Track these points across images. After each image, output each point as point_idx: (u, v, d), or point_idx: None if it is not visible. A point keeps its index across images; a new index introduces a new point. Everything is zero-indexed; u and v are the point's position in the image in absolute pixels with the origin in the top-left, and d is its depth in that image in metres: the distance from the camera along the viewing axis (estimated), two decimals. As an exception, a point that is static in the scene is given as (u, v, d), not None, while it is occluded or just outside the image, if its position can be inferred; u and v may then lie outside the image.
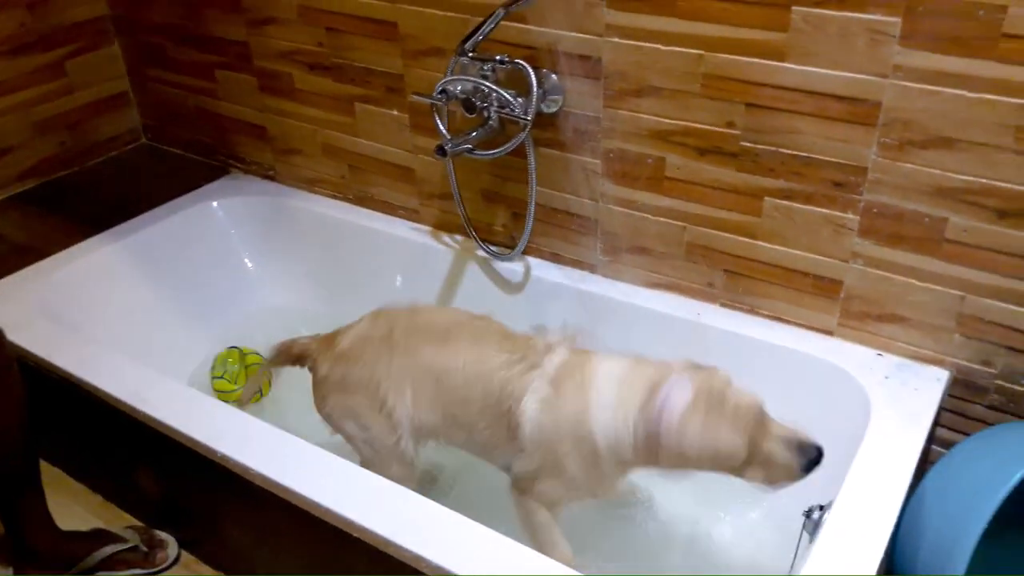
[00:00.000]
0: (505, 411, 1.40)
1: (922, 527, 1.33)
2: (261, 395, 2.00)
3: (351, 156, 2.14)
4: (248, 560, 1.69)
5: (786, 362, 1.65)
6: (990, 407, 1.53)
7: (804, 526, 1.38)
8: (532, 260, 1.93)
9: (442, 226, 2.07)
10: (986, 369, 1.50)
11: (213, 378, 2.00)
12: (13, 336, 1.59)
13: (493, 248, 1.93)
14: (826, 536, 1.26)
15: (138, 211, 2.23)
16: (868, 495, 1.31)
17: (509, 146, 1.71)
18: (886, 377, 1.55)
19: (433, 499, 1.33)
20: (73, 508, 1.85)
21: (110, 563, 1.68)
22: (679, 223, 1.70)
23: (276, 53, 2.12)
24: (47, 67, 2.35)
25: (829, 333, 1.64)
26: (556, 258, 1.91)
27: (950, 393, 1.56)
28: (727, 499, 1.73)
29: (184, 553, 1.76)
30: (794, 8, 1.39)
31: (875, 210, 1.48)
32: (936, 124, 1.35)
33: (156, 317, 1.87)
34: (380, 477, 1.38)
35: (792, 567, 1.38)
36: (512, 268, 1.93)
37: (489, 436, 1.45)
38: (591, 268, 1.87)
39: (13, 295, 1.84)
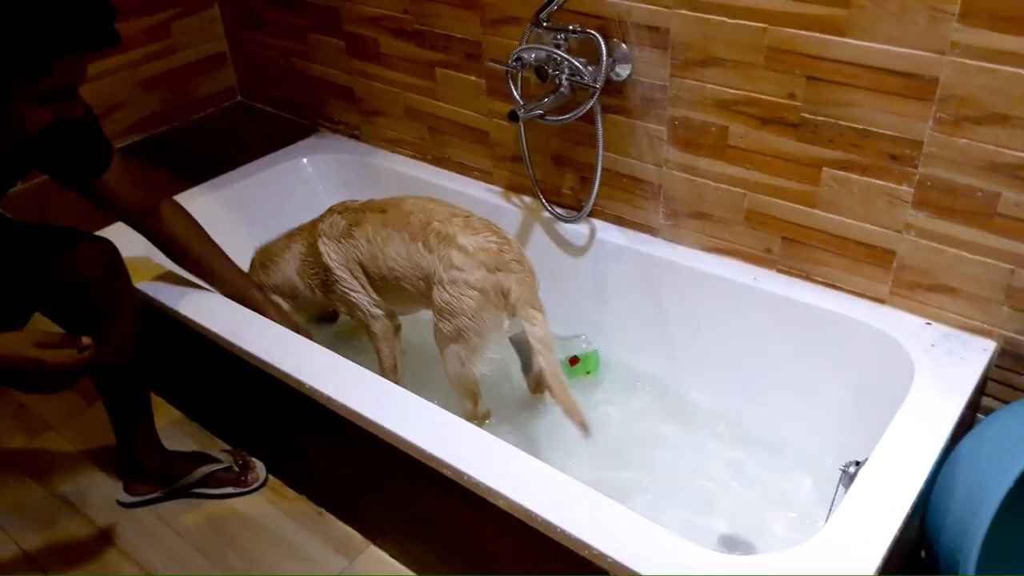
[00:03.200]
0: None
1: (953, 487, 1.39)
2: None
3: (431, 119, 2.26)
4: (328, 486, 1.86)
5: (837, 328, 1.71)
6: (1036, 379, 1.58)
7: (841, 479, 1.47)
8: (597, 222, 2.02)
9: (513, 188, 2.18)
10: (1034, 341, 1.55)
11: None
12: (127, 276, 1.77)
13: (560, 210, 2.04)
14: (857, 489, 1.35)
15: (234, 165, 2.41)
16: (901, 454, 1.39)
17: (578, 112, 1.80)
18: (932, 345, 1.60)
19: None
20: (173, 433, 2.05)
21: (207, 481, 1.88)
22: (739, 190, 1.77)
23: (364, 19, 2.24)
24: (154, 28, 2.54)
25: (881, 301, 1.70)
26: (620, 221, 2.00)
27: (997, 364, 1.60)
28: (772, 452, 1.83)
29: (271, 477, 1.94)
30: (856, -15, 1.44)
31: (929, 183, 1.52)
32: (992, 101, 1.39)
33: (247, 263, 2.04)
34: (457, 417, 1.52)
35: (829, 516, 1.47)
36: (577, 230, 2.03)
37: None
38: (653, 232, 1.95)
39: (122, 241, 2.03)
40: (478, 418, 1.81)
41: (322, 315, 2.21)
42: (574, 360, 2.04)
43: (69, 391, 1.49)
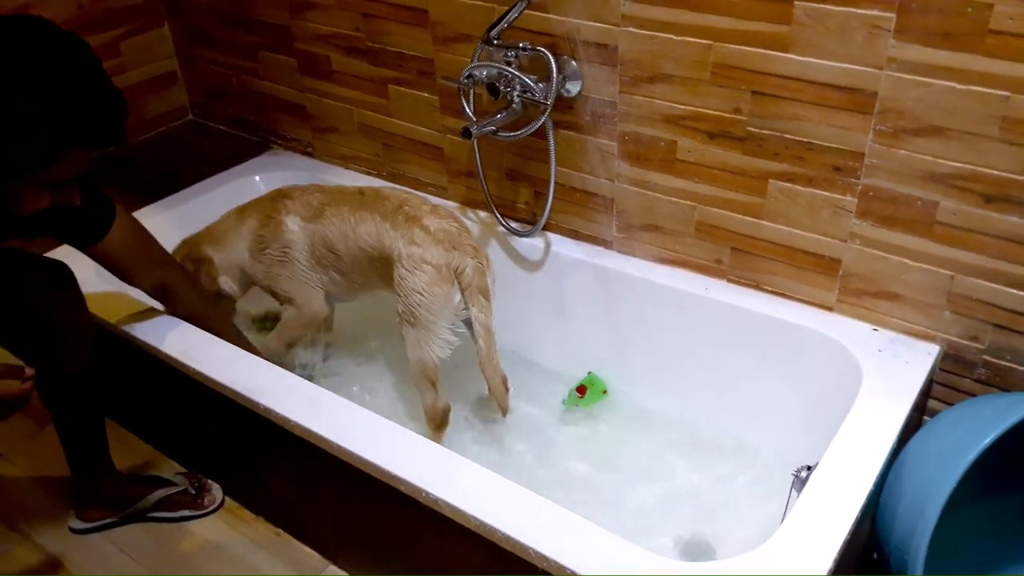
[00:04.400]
0: None
1: (901, 487, 1.43)
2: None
3: (385, 135, 2.27)
4: (286, 506, 1.85)
5: (787, 335, 1.75)
6: (978, 381, 1.62)
7: (793, 484, 1.50)
8: (552, 236, 2.04)
9: (468, 202, 2.19)
10: (974, 345, 1.59)
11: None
12: (76, 298, 1.74)
13: (515, 224, 2.05)
14: (809, 493, 1.38)
15: (186, 184, 2.39)
16: (851, 457, 1.43)
17: (530, 128, 1.82)
18: (879, 350, 1.64)
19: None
20: (127, 456, 2.02)
21: (163, 504, 1.85)
22: (689, 203, 1.80)
23: (315, 36, 2.25)
24: (102, 47, 2.50)
25: (829, 309, 1.74)
26: (574, 234, 2.03)
27: (941, 367, 1.65)
28: (728, 458, 1.85)
29: (228, 499, 1.92)
30: (796, 3, 1.48)
31: (871, 193, 1.57)
32: (928, 113, 1.44)
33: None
34: (409, 432, 1.52)
35: (783, 520, 1.49)
36: (533, 244, 2.05)
37: None
38: (607, 244, 1.98)
39: (73, 261, 2.00)
40: (438, 411, 1.82)
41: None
42: (582, 389, 2.04)
43: (18, 415, 1.46)
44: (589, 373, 2.07)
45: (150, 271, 1.73)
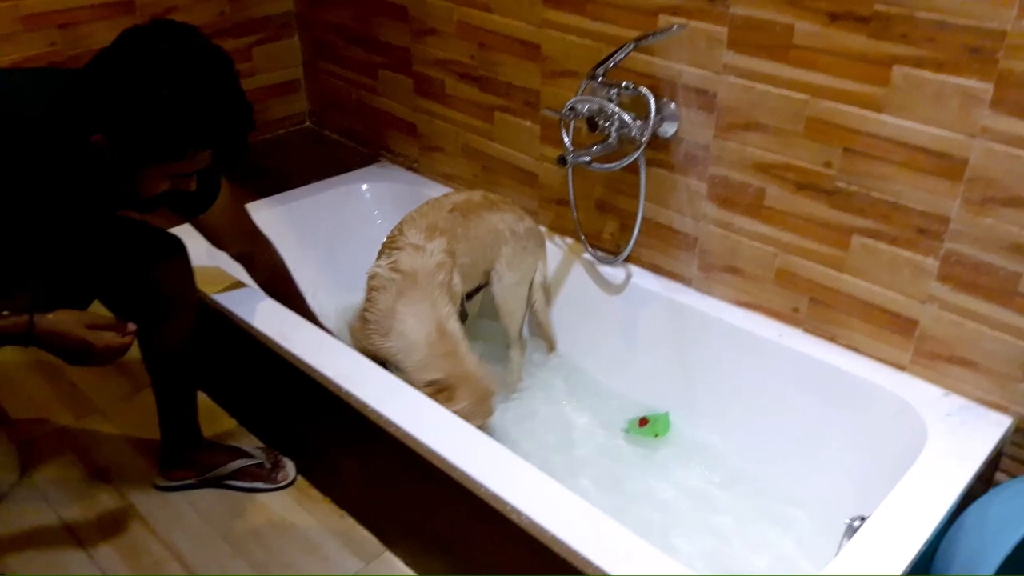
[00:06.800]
0: None
1: (957, 550, 1.43)
2: None
3: (485, 158, 2.39)
4: (352, 490, 1.94)
5: (856, 390, 1.77)
6: (1049, 457, 1.61)
7: (846, 532, 1.51)
8: (633, 268, 2.11)
9: (556, 228, 2.28)
10: (1048, 420, 1.59)
11: None
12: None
13: (599, 253, 2.13)
14: (858, 542, 1.39)
15: (297, 184, 2.55)
16: (906, 513, 1.43)
17: (624, 162, 1.90)
18: (948, 415, 1.64)
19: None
20: (213, 426, 2.15)
21: (239, 474, 1.97)
22: (772, 249, 1.85)
23: (433, 60, 2.39)
24: (237, 51, 2.71)
25: (901, 368, 1.75)
26: (655, 268, 2.09)
27: (1013, 440, 1.64)
28: (782, 503, 1.87)
29: (299, 477, 2.03)
30: (895, 67, 1.53)
31: (954, 258, 1.59)
32: (1017, 185, 1.46)
33: (301, 275, 2.15)
34: (476, 430, 1.60)
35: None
36: (614, 273, 2.12)
37: None
38: (686, 281, 2.04)
39: (190, 242, 2.17)
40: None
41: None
42: (643, 421, 2.09)
43: (118, 378, 1.58)
44: (665, 413, 2.10)
45: (239, 240, 1.90)
